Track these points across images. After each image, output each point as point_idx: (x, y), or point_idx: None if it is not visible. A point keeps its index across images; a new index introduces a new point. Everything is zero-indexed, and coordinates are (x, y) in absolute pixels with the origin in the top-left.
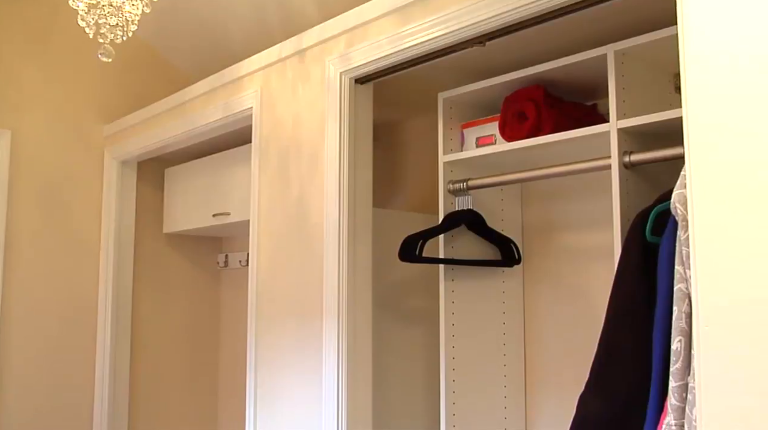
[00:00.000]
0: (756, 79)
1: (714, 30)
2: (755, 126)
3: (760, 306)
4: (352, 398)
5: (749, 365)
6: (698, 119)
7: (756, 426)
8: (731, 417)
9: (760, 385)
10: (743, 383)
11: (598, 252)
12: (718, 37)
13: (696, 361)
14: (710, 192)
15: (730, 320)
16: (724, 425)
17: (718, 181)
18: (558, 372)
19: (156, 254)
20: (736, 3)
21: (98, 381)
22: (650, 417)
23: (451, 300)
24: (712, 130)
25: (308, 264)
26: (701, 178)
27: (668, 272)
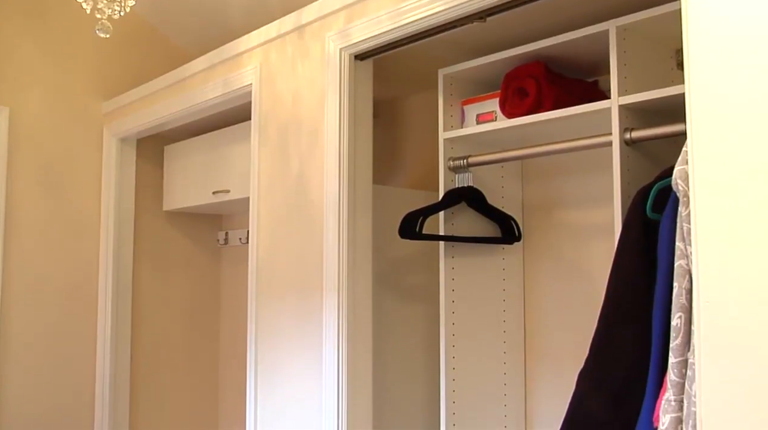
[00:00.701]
0: (759, 56)
1: (717, 5)
2: (758, 103)
3: (760, 282)
4: (352, 374)
5: (749, 340)
6: (700, 95)
7: (755, 401)
8: (731, 392)
9: (760, 360)
10: (743, 358)
11: (598, 229)
12: (721, 13)
13: (696, 337)
14: (712, 168)
15: (731, 296)
16: (724, 401)
17: (719, 157)
18: (557, 348)
19: (156, 231)
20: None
21: (99, 358)
22: (649, 393)
23: (451, 277)
24: (714, 106)
25: (308, 241)
26: (703, 155)
27: (668, 248)
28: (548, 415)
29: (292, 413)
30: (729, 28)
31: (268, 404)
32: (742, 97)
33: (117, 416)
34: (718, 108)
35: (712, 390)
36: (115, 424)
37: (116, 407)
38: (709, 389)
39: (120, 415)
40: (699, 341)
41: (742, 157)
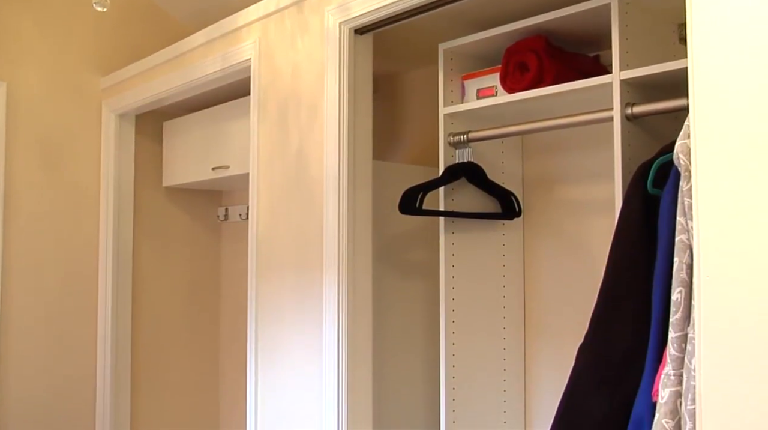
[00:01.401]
0: (763, 30)
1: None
2: (761, 77)
3: (761, 257)
4: (352, 349)
5: (749, 315)
6: (703, 69)
7: (755, 375)
8: (730, 367)
9: (760, 335)
10: (743, 332)
11: (598, 205)
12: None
13: (696, 311)
14: (714, 142)
15: (731, 270)
16: (723, 375)
17: (722, 131)
18: (557, 324)
19: (156, 207)
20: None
21: (100, 334)
22: (649, 367)
23: (451, 252)
24: (717, 80)
25: (308, 217)
26: (705, 129)
27: (669, 223)
28: (548, 389)
29: (292, 388)
30: (733, 1)
31: (268, 379)
32: (745, 71)
33: (118, 392)
34: (720, 82)
35: (712, 364)
36: (116, 400)
37: (117, 382)
38: (709, 364)
39: (121, 391)
40: (699, 315)
41: (744, 132)
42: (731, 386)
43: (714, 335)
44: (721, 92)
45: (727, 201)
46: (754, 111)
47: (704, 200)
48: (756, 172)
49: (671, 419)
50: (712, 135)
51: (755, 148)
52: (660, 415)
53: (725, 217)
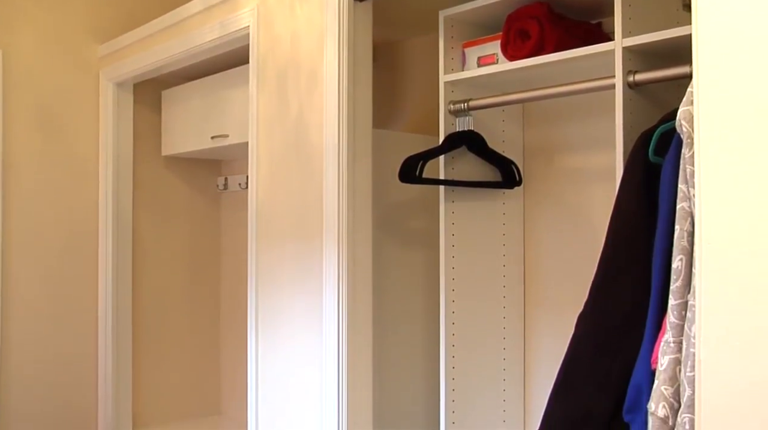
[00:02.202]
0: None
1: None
2: (766, 42)
3: (763, 223)
4: (352, 318)
5: (750, 282)
6: (708, 34)
7: (755, 342)
8: (730, 334)
9: (761, 302)
10: (743, 300)
11: (599, 173)
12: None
13: (696, 279)
14: (717, 109)
15: (733, 237)
16: (723, 342)
17: (725, 97)
18: (557, 292)
19: (155, 176)
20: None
21: (101, 305)
22: (648, 335)
23: (451, 221)
24: (721, 45)
25: (308, 185)
26: (708, 95)
27: (670, 191)
28: (547, 357)
29: (293, 357)
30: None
31: (269, 348)
32: (751, 36)
33: (120, 362)
34: (725, 47)
35: (712, 331)
36: (118, 369)
37: (119, 352)
38: (709, 331)
39: (123, 360)
40: (699, 282)
41: (748, 98)
42: (731, 353)
43: (714, 302)
44: (725, 58)
45: (730, 168)
46: (758, 77)
47: (706, 167)
48: (759, 139)
49: (670, 386)
50: (715, 101)
51: (759, 114)
52: (659, 382)
53: (727, 183)
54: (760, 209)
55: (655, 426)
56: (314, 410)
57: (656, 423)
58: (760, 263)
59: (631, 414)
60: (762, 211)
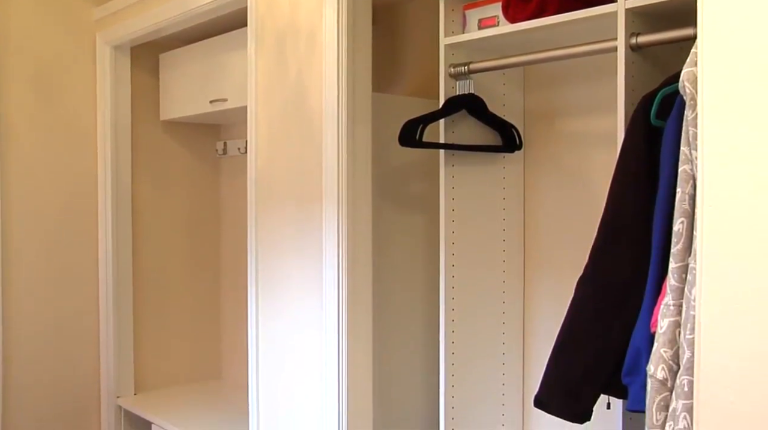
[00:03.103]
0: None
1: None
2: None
3: (765, 186)
4: (352, 282)
5: (751, 245)
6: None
7: (755, 304)
8: (730, 296)
9: (761, 265)
10: (744, 262)
11: (601, 137)
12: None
13: (697, 241)
14: (721, 70)
15: (735, 200)
16: (723, 304)
17: (729, 58)
18: (557, 257)
19: (154, 141)
20: None
21: (102, 270)
22: (648, 299)
23: (451, 185)
24: (726, 6)
25: (307, 150)
26: (712, 55)
27: (672, 153)
28: (547, 321)
29: (293, 321)
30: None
31: (269, 313)
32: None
33: (121, 327)
34: (729, 8)
35: (712, 294)
36: (119, 335)
37: (120, 317)
38: (709, 293)
39: (124, 325)
40: (700, 245)
41: (752, 59)
42: (731, 315)
43: (715, 264)
44: (729, 18)
45: (733, 129)
46: (763, 37)
47: (709, 129)
48: (763, 100)
49: (669, 348)
50: (719, 62)
51: (763, 75)
52: (658, 344)
53: (730, 145)
54: (763, 171)
55: (654, 388)
56: (315, 372)
57: (655, 385)
58: (761, 226)
59: (629, 377)
60: (765, 173)
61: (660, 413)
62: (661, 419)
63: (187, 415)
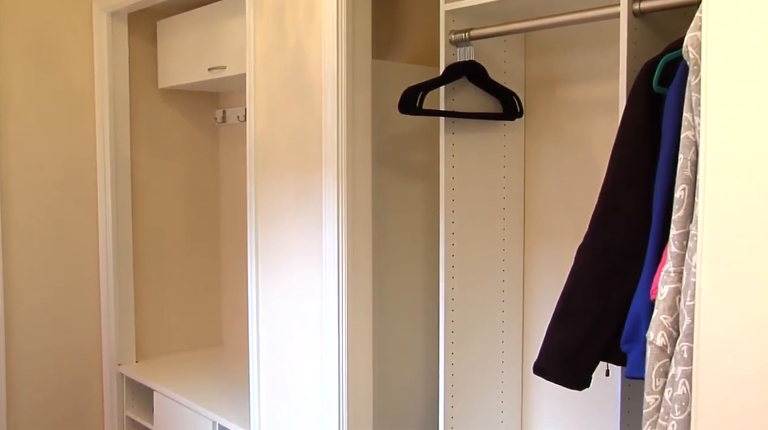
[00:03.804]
0: None
1: None
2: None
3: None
4: (351, 250)
5: (753, 210)
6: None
7: (756, 271)
8: (731, 263)
9: (763, 230)
10: (745, 229)
11: (602, 105)
12: None
13: (699, 207)
14: (725, 34)
15: (737, 165)
16: (725, 270)
17: (734, 22)
18: (557, 225)
19: (152, 109)
20: None
21: (102, 240)
22: (648, 266)
23: (451, 153)
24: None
25: (307, 117)
26: (717, 20)
27: (674, 120)
28: (546, 290)
29: (293, 289)
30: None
31: (269, 280)
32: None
33: (122, 295)
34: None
35: (713, 261)
36: (120, 303)
37: (120, 286)
38: (710, 260)
39: (124, 293)
40: (702, 211)
41: (757, 23)
42: (732, 282)
43: (716, 231)
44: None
45: (737, 94)
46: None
47: (713, 94)
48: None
49: (669, 315)
50: (723, 26)
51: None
52: (658, 311)
53: (734, 110)
54: (767, 137)
55: (653, 355)
56: (315, 340)
57: (654, 352)
58: (763, 192)
59: (628, 344)
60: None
61: (659, 379)
62: (660, 385)
63: (189, 382)
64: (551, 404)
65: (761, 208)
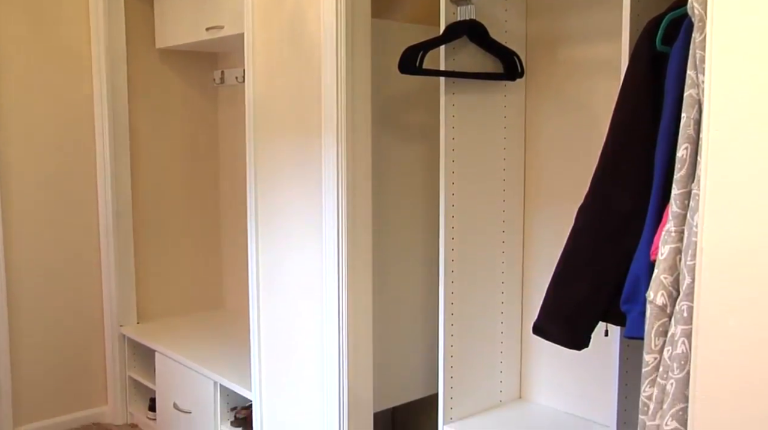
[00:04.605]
0: None
1: None
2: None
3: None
4: (351, 212)
5: (756, 169)
6: None
7: (759, 229)
8: (734, 221)
9: (765, 189)
10: (748, 186)
11: (604, 65)
12: None
13: (702, 166)
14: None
15: (742, 122)
16: (726, 229)
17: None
18: (558, 186)
19: (150, 70)
20: None
21: (101, 202)
22: (648, 227)
23: (451, 114)
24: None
25: (306, 78)
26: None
27: (678, 78)
28: (546, 250)
29: (292, 249)
30: None
31: (268, 242)
32: None
33: (122, 258)
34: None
35: (715, 219)
36: (120, 266)
37: (121, 249)
38: (712, 218)
39: (125, 256)
40: (705, 170)
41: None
42: (733, 241)
43: (719, 190)
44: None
45: (742, 51)
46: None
47: (718, 51)
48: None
49: (670, 274)
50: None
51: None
52: (659, 271)
53: (738, 68)
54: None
55: (653, 314)
56: (315, 299)
57: (654, 311)
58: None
59: (628, 304)
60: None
61: (658, 338)
62: (660, 344)
63: (190, 343)
64: (550, 363)
65: (764, 168)
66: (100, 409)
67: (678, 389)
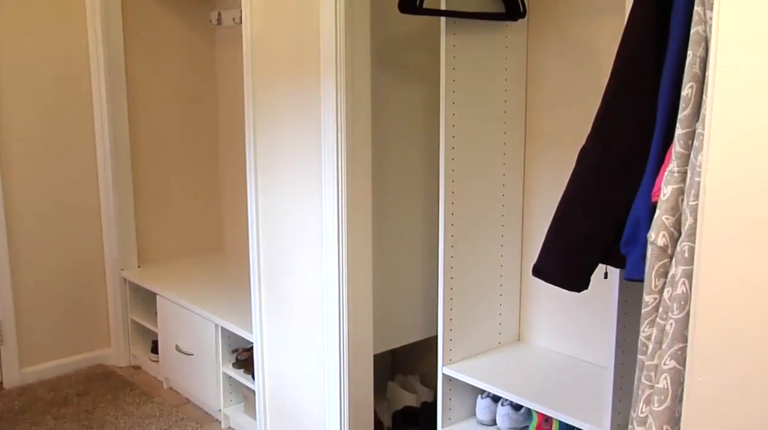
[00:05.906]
0: None
1: None
2: None
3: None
4: (350, 154)
5: (762, 106)
6: None
7: (762, 169)
8: (738, 159)
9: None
10: (755, 124)
11: (608, 4)
12: None
13: (707, 104)
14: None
15: (749, 59)
16: (730, 168)
17: None
18: (560, 128)
19: (145, 12)
20: None
21: (99, 147)
22: (650, 169)
23: (452, 55)
24: None
25: (304, 18)
26: None
27: (684, 15)
28: (546, 193)
29: (292, 193)
30: None
31: (268, 186)
32: None
33: (121, 202)
34: None
35: (719, 158)
36: (120, 210)
37: (120, 193)
38: (716, 157)
39: (124, 200)
40: (711, 107)
41: None
42: (737, 180)
43: (725, 127)
44: None
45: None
46: None
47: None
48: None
49: (671, 215)
50: None
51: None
52: (660, 211)
53: (747, 3)
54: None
55: (653, 255)
56: (315, 243)
57: (655, 252)
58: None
59: (628, 246)
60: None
61: (659, 279)
62: (660, 285)
63: (191, 286)
64: (549, 306)
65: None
66: (104, 351)
67: (677, 329)
